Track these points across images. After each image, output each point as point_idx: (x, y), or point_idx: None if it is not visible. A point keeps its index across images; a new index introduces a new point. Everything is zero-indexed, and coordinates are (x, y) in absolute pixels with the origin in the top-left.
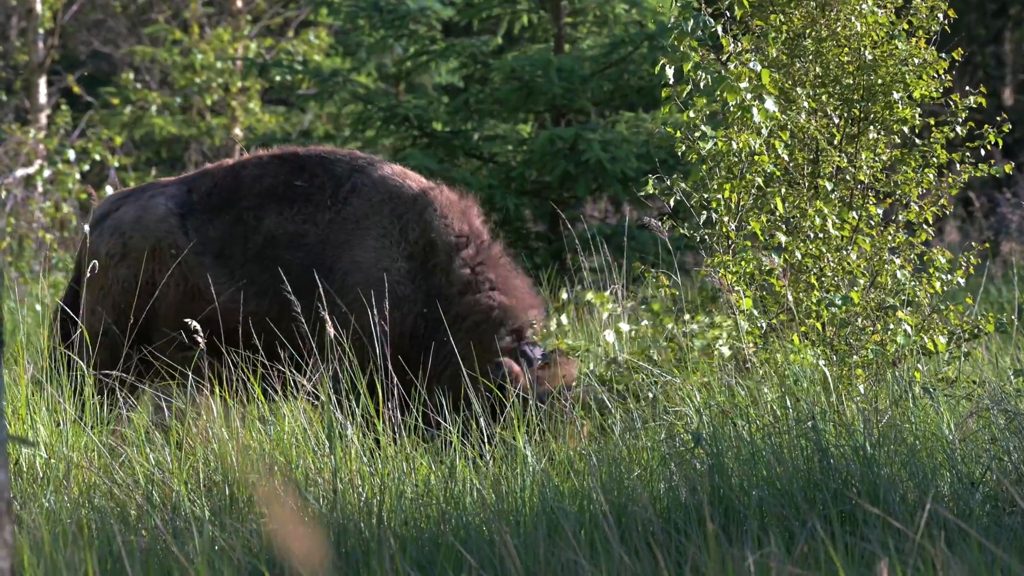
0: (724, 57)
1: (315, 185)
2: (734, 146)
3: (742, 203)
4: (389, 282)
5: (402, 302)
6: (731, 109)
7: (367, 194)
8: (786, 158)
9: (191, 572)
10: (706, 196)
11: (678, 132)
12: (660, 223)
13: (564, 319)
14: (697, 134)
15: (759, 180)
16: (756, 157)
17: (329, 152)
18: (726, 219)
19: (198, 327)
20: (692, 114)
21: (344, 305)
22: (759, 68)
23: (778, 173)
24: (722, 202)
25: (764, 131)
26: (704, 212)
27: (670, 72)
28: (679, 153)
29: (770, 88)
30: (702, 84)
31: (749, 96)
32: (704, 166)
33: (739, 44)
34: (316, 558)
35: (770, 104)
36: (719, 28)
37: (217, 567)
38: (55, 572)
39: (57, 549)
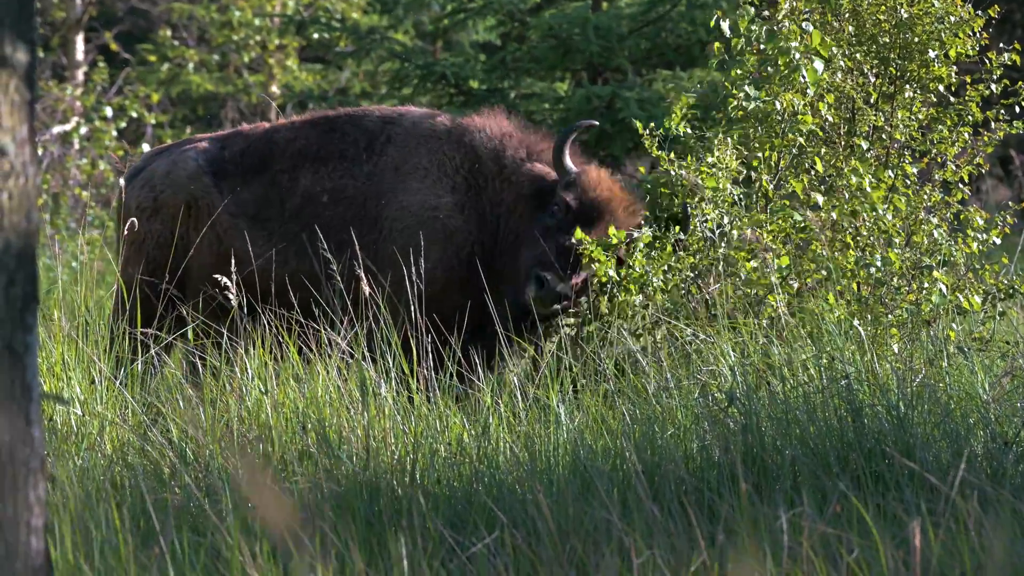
0: (779, 15)
1: (348, 142)
2: (778, 106)
3: (781, 162)
4: (440, 218)
5: (455, 234)
6: (779, 68)
7: (402, 141)
8: (829, 118)
9: (223, 530)
10: (746, 154)
11: (729, 86)
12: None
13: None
14: (742, 93)
15: (800, 140)
16: (800, 116)
17: (359, 110)
18: (765, 178)
19: (230, 284)
20: (739, 71)
21: (396, 251)
22: (811, 29)
23: (820, 133)
24: (762, 160)
25: (811, 91)
26: (743, 170)
27: (725, 25)
28: (727, 108)
29: (822, 50)
30: (754, 40)
31: (798, 56)
32: (747, 123)
33: (795, 3)
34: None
35: (819, 65)
36: None
37: (249, 525)
38: (88, 530)
39: (90, 507)
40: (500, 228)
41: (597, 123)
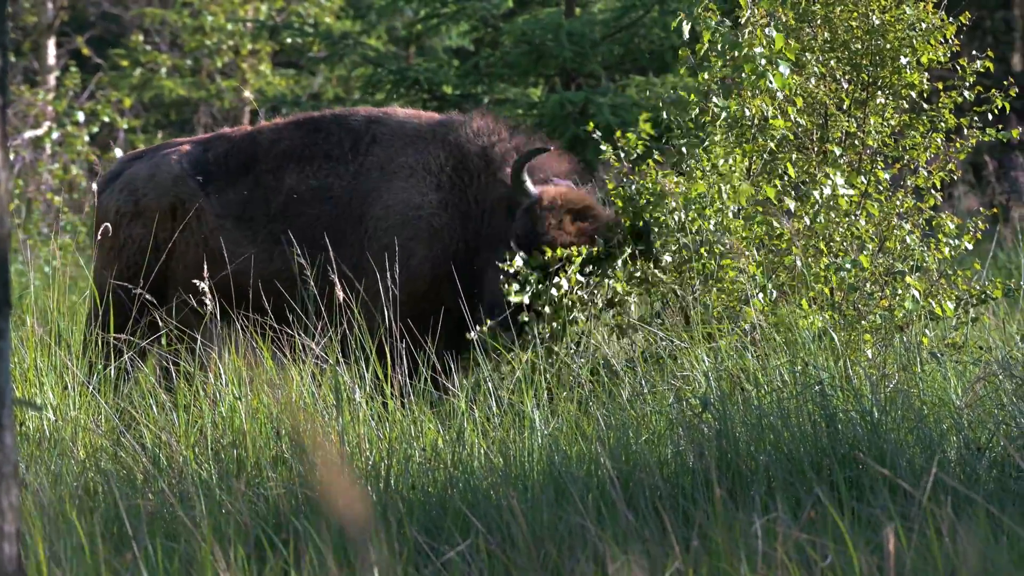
0: (742, 20)
1: (333, 142)
2: (747, 113)
3: (753, 168)
4: (425, 216)
5: (440, 232)
6: (745, 75)
7: (388, 141)
8: (801, 123)
9: (196, 536)
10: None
11: (692, 96)
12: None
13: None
14: (712, 99)
15: (771, 144)
16: (771, 121)
17: (344, 111)
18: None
19: (207, 289)
20: (707, 76)
21: (379, 250)
22: (774, 34)
23: (791, 137)
24: (733, 166)
25: (779, 95)
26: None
27: (686, 28)
28: (692, 116)
29: (787, 53)
30: (719, 46)
31: (764, 62)
32: (715, 128)
33: (756, 10)
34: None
35: (784, 70)
36: None
37: (223, 531)
38: (61, 536)
39: (63, 513)
40: (484, 225)
41: (550, 148)
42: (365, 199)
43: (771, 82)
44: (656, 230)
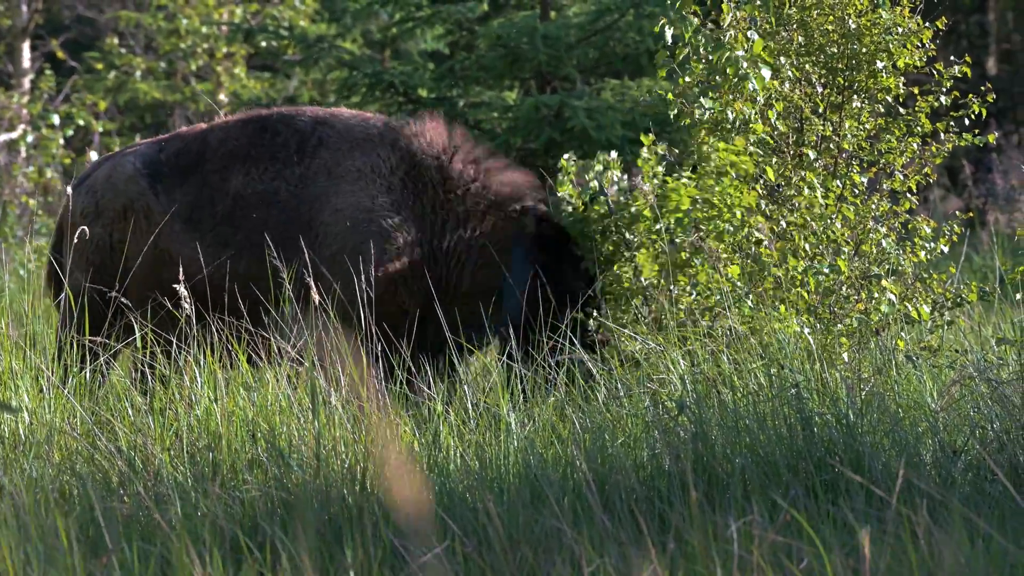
0: (724, 23)
1: (279, 143)
2: (730, 115)
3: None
4: (376, 219)
5: (392, 232)
6: (727, 76)
7: (335, 144)
8: (780, 127)
9: (172, 539)
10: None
11: (670, 95)
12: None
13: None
14: (694, 102)
15: (752, 147)
16: (751, 125)
17: (291, 109)
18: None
19: (184, 293)
20: (688, 79)
21: (330, 256)
22: (755, 37)
23: (771, 141)
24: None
25: (760, 99)
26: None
27: (669, 33)
28: (671, 117)
29: (766, 56)
30: (701, 49)
31: (745, 65)
32: (696, 130)
33: (738, 13)
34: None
35: (766, 73)
36: None
37: (199, 534)
38: (36, 539)
39: (38, 516)
40: (447, 238)
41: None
42: (313, 204)
43: (753, 85)
44: (635, 239)
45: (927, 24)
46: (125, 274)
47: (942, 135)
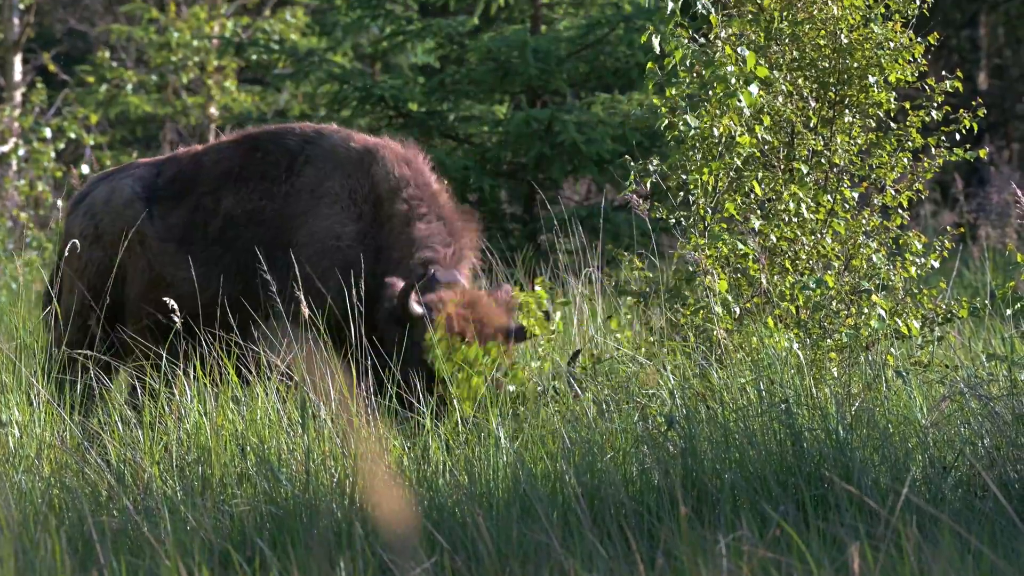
0: (712, 37)
1: (269, 161)
2: (715, 132)
3: (719, 185)
4: (342, 248)
5: (353, 266)
6: (715, 90)
7: (320, 163)
8: (769, 139)
9: (161, 553)
10: (684, 177)
11: (663, 108)
12: (640, 202)
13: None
14: (679, 116)
15: (738, 162)
16: (738, 139)
17: (281, 127)
18: (702, 201)
19: (175, 306)
20: (674, 91)
21: (305, 277)
22: (746, 53)
23: (758, 155)
24: (700, 183)
25: (747, 112)
26: (681, 193)
27: (656, 42)
28: (659, 130)
29: (760, 72)
30: (688, 62)
31: (734, 81)
32: (683, 146)
33: (728, 28)
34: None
35: (754, 89)
36: (708, 5)
37: (188, 548)
38: (25, 553)
39: (27, 530)
40: (386, 269)
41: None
42: (292, 223)
43: (740, 101)
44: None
45: (919, 39)
46: (125, 296)
47: (933, 150)
